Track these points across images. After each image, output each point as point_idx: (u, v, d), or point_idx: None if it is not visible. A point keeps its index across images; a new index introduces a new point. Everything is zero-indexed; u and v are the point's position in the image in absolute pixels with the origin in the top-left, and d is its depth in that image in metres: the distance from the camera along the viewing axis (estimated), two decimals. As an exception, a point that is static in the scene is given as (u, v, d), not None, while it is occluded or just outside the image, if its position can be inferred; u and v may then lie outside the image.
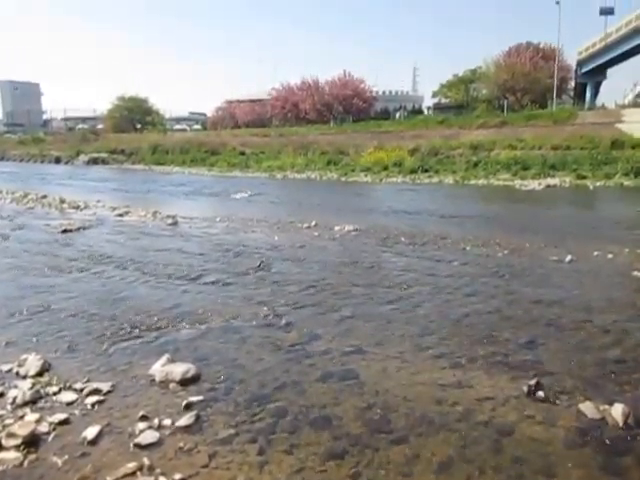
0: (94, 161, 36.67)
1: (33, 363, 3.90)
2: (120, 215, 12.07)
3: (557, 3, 39.32)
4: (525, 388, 3.55)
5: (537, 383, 3.58)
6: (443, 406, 3.42)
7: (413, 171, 22.65)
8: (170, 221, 11.01)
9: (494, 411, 3.34)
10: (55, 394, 3.55)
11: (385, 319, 5.09)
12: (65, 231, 9.77)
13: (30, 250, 8.27)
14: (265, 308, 5.39)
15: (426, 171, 22.66)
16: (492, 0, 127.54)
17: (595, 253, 7.59)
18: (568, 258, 7.29)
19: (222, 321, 5.04)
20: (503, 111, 37.89)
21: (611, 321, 4.90)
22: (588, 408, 3.30)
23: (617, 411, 3.22)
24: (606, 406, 3.31)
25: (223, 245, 8.62)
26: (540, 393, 3.50)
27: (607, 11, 44.17)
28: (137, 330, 4.76)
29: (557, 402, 3.43)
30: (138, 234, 9.69)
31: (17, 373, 3.85)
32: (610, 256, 7.44)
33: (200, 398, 3.49)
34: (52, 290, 6.07)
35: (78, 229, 10.05)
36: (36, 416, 3.23)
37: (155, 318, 5.08)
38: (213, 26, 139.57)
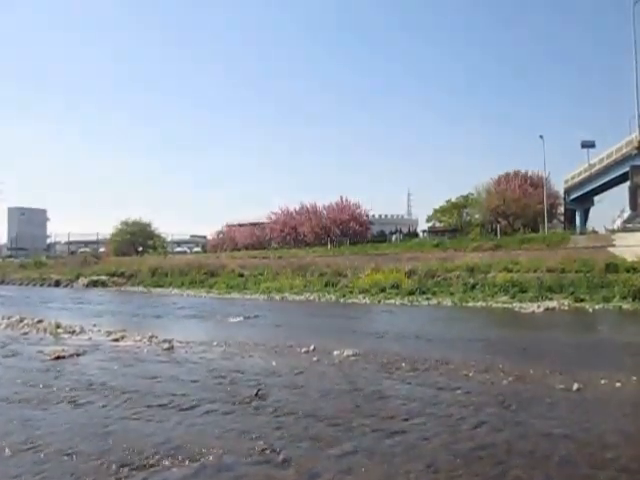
0: (93, 284, 36.82)
1: (9, 510, 3.61)
2: (115, 340, 11.87)
3: (540, 137, 42.58)
4: (544, 537, 3.26)
5: (556, 531, 3.29)
6: None
7: (411, 293, 22.70)
8: (166, 346, 10.81)
9: None
10: None
11: (388, 454, 4.81)
12: (58, 358, 9.54)
13: (20, 379, 8.01)
14: (261, 442, 5.12)
15: (424, 293, 22.71)
16: (480, 133, 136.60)
17: (602, 381, 7.36)
18: (575, 387, 7.05)
19: (216, 457, 4.76)
20: (496, 234, 39.03)
21: (628, 458, 4.64)
22: None
23: None
24: None
25: (219, 371, 8.39)
26: None
27: (588, 144, 47.65)
28: (125, 469, 4.47)
29: None
30: (133, 360, 9.46)
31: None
32: (618, 384, 7.21)
33: None
34: (38, 424, 5.78)
35: (72, 355, 9.82)
36: None
37: (145, 455, 4.79)
38: (211, 154, 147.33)
